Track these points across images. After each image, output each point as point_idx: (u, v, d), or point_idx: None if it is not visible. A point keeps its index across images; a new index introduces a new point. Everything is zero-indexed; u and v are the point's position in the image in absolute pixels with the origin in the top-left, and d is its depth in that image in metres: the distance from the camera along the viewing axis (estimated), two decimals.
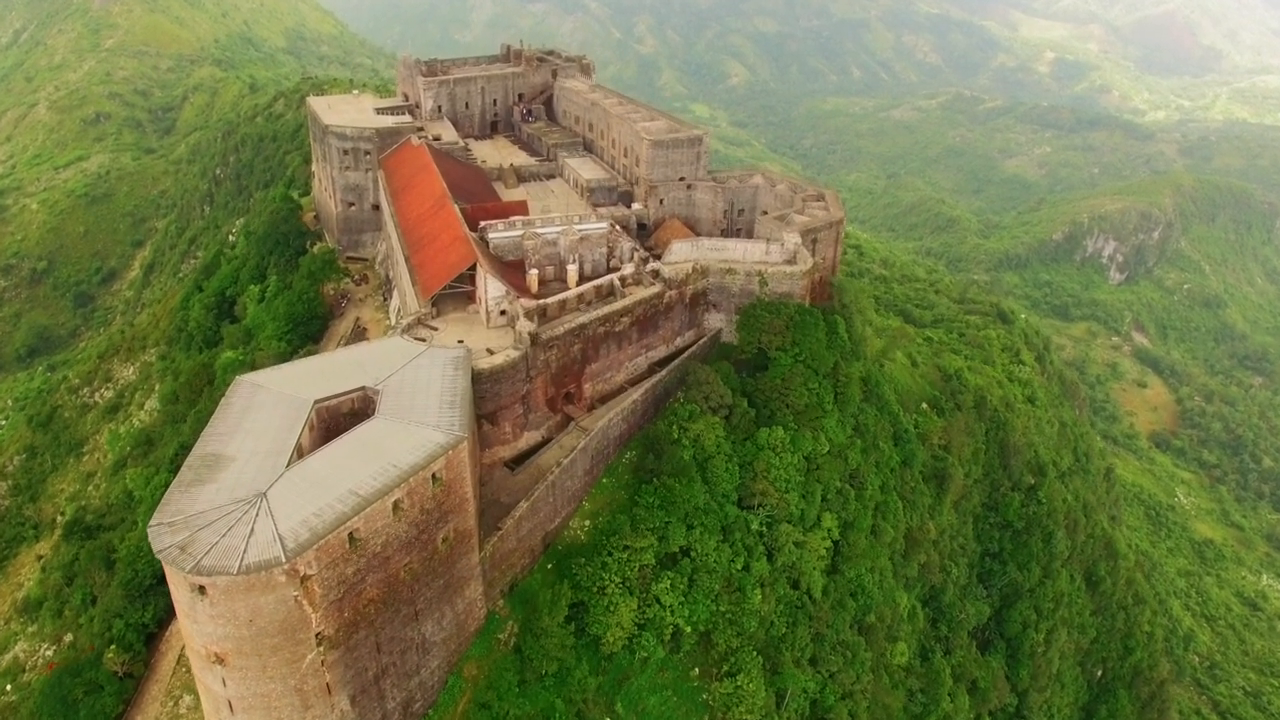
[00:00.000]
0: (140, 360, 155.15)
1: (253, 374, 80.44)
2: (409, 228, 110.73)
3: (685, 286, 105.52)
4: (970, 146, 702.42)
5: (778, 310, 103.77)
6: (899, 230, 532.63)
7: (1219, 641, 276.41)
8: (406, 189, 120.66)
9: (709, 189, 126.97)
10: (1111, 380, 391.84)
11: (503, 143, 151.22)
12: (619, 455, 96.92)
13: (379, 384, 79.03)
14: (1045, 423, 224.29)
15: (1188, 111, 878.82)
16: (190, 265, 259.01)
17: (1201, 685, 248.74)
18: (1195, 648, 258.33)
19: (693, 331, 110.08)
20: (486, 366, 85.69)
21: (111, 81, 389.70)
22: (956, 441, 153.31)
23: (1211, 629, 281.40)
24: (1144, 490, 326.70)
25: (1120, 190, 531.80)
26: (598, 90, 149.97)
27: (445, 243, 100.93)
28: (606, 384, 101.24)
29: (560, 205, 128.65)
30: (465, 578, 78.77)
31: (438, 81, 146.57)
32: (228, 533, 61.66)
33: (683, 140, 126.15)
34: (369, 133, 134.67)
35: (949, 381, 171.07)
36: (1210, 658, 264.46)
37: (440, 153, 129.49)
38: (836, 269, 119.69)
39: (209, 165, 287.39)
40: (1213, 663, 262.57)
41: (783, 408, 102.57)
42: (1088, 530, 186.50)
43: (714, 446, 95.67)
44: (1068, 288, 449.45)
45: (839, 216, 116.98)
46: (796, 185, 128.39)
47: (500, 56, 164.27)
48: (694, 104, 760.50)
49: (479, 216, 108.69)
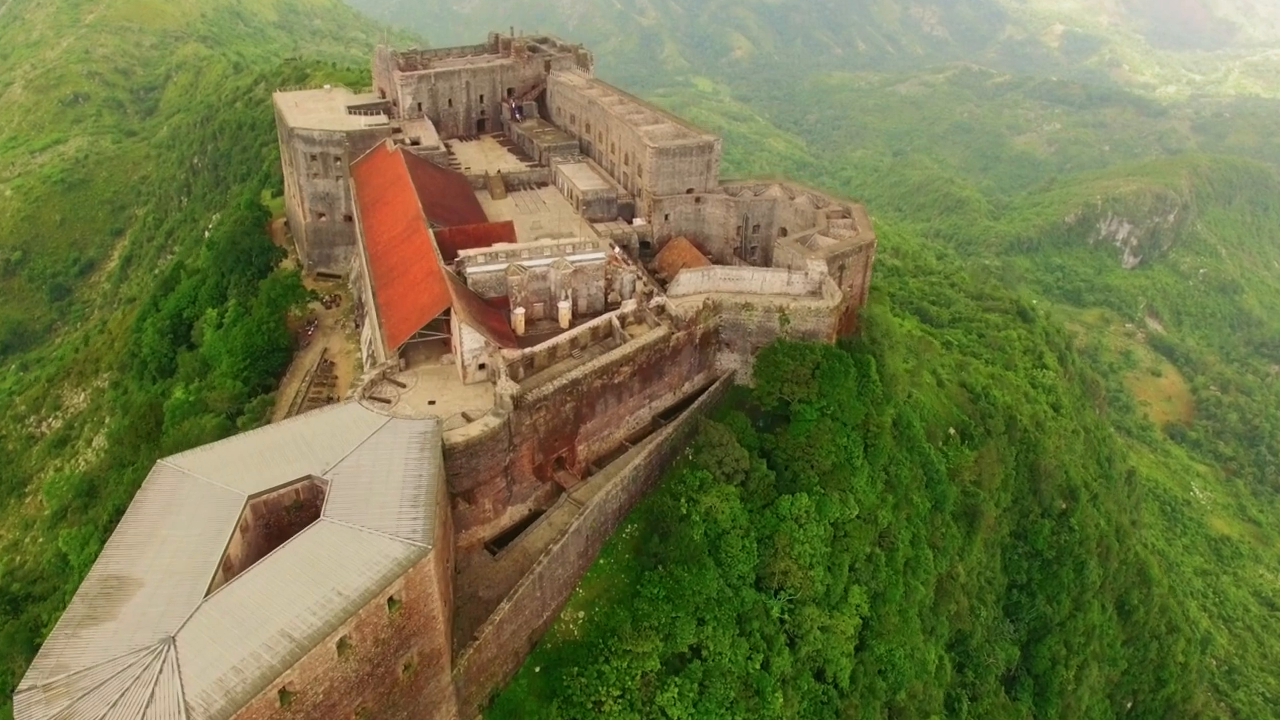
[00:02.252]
0: (92, 386, 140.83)
1: (179, 458, 66.70)
2: (378, 254, 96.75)
3: (695, 326, 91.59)
4: (978, 123, 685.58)
5: (801, 355, 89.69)
6: (906, 210, 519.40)
7: (1237, 644, 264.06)
8: (378, 204, 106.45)
9: (720, 203, 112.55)
10: (1125, 369, 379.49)
11: (490, 144, 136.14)
12: (619, 530, 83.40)
13: (328, 471, 65.40)
14: (1071, 433, 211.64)
15: (1199, 86, 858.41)
16: (166, 260, 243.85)
17: (1220, 691, 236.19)
18: (1213, 651, 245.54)
19: (703, 374, 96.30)
20: (461, 440, 71.95)
21: (91, 60, 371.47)
22: (988, 473, 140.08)
23: (1229, 631, 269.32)
24: (1159, 485, 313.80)
25: (1134, 171, 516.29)
26: (596, 85, 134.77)
27: (416, 278, 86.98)
28: (604, 443, 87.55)
29: (552, 220, 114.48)
30: (435, 702, 65.56)
31: (417, 77, 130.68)
32: (119, 701, 48.01)
33: (691, 148, 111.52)
34: (339, 136, 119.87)
35: (977, 401, 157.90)
36: (1228, 661, 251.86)
37: (418, 160, 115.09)
38: (865, 297, 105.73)
39: (186, 153, 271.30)
40: (1231, 667, 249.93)
41: (807, 469, 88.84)
42: (1121, 556, 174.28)
43: (729, 521, 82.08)
44: (1080, 272, 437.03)
45: (869, 238, 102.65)
46: (818, 198, 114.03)
47: (487, 47, 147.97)
48: (696, 77, 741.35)
49: (458, 241, 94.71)
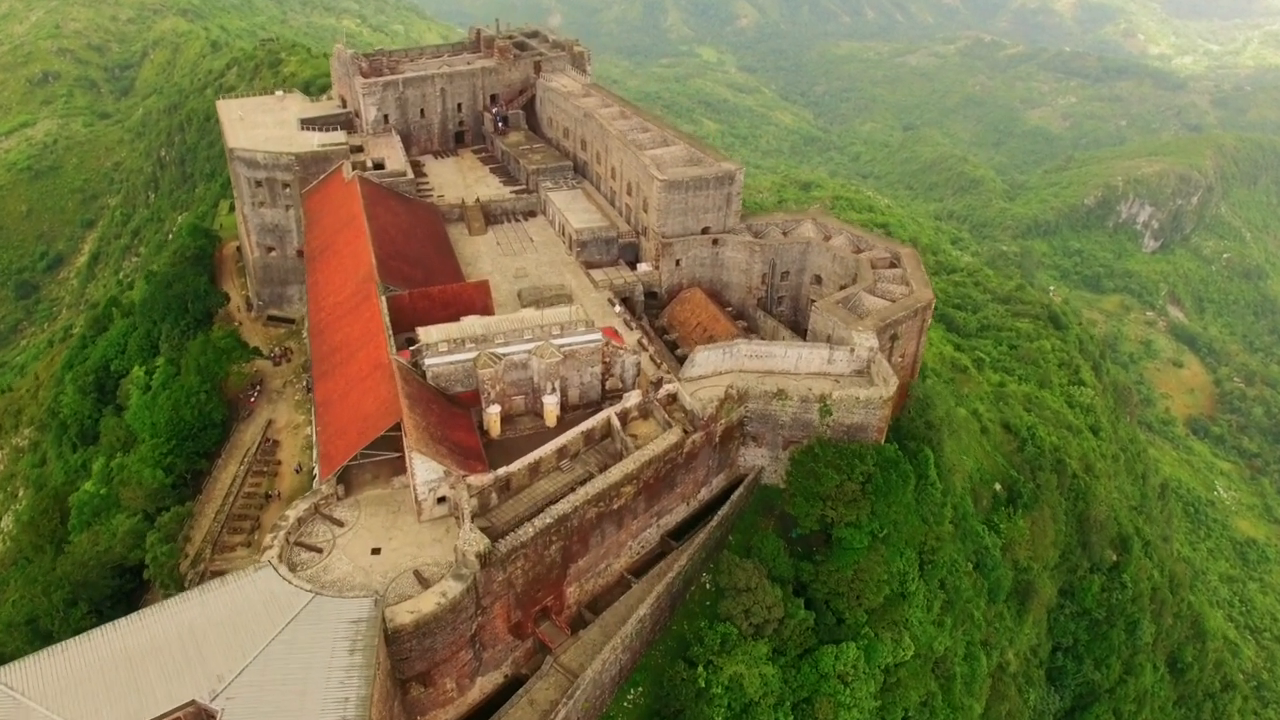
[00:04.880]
0: (12, 444, 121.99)
1: (10, 671, 48.35)
2: (320, 326, 77.88)
3: (715, 423, 73.05)
4: (990, 96, 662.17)
5: (848, 464, 71.09)
6: (918, 189, 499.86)
7: (1264, 656, 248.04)
8: (327, 252, 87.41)
9: (743, 246, 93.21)
10: (1145, 359, 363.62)
11: (469, 161, 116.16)
12: (618, 696, 65.40)
13: (220, 690, 47.24)
14: (1112, 459, 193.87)
15: (1216, 56, 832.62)
16: (133, 263, 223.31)
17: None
18: (1240, 664, 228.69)
19: (723, 475, 77.89)
20: (411, 620, 53.75)
21: (62, 35, 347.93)
22: (1041, 541, 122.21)
23: (1256, 642, 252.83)
24: (1182, 484, 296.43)
25: (1156, 150, 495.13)
26: (594, 92, 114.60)
27: (362, 370, 68.23)
28: (600, 578, 69.34)
29: (540, 264, 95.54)
30: None
31: (382, 84, 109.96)
32: None
33: (708, 180, 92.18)
34: (286, 159, 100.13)
35: (1023, 448, 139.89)
36: (1256, 676, 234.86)
37: (379, 191, 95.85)
38: (918, 368, 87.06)
39: (154, 144, 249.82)
40: (1259, 681, 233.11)
41: (854, 606, 70.71)
42: (1175, 608, 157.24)
43: (758, 690, 64.12)
44: (1100, 257, 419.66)
45: (926, 298, 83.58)
46: (859, 239, 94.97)
47: (467, 45, 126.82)
48: (701, 46, 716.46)
49: (419, 308, 75.96)
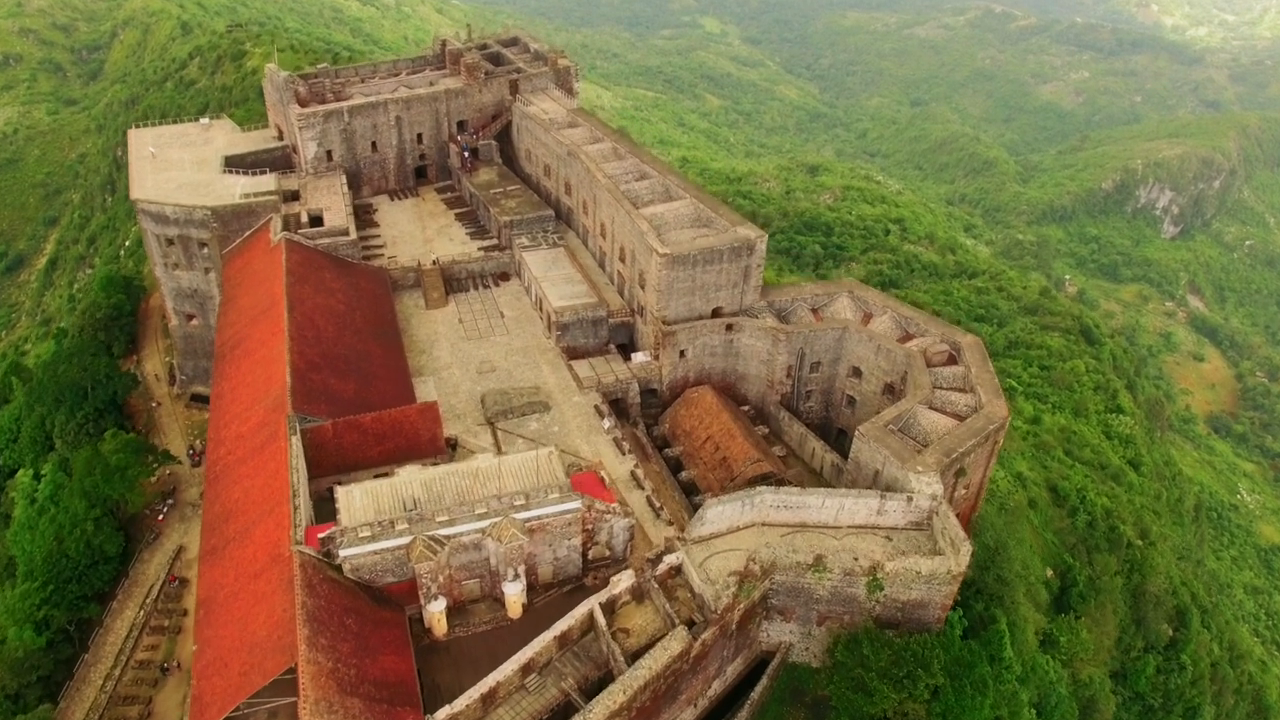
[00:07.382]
0: None
1: None
2: (217, 469, 59.34)
3: (732, 610, 54.95)
4: (1001, 70, 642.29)
5: (909, 672, 53.09)
6: (928, 170, 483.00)
7: None
8: (237, 351, 68.59)
9: (765, 334, 74.29)
10: (1165, 352, 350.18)
11: (432, 203, 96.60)
12: None
13: None
14: (1155, 497, 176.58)
15: (1232, 27, 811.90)
16: (87, 275, 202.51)
17: None
18: None
19: (741, 659, 59.99)
20: None
21: (24, 14, 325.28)
22: (1101, 643, 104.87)
23: None
24: (1203, 488, 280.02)
25: (1176, 131, 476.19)
26: (580, 121, 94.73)
27: (257, 561, 49.84)
28: None
29: (510, 352, 76.92)
30: None
31: (323, 114, 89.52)
32: None
33: (721, 251, 73.09)
34: (201, 215, 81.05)
35: (1074, 515, 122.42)
36: None
37: (313, 257, 77.00)
38: (982, 497, 68.65)
39: (111, 142, 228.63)
40: None
41: None
42: (1235, 684, 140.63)
43: None
44: (1117, 244, 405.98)
45: (1000, 415, 64.78)
46: (907, 319, 76.20)
47: (430, 61, 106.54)
48: (703, 17, 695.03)
49: (345, 443, 57.71)
